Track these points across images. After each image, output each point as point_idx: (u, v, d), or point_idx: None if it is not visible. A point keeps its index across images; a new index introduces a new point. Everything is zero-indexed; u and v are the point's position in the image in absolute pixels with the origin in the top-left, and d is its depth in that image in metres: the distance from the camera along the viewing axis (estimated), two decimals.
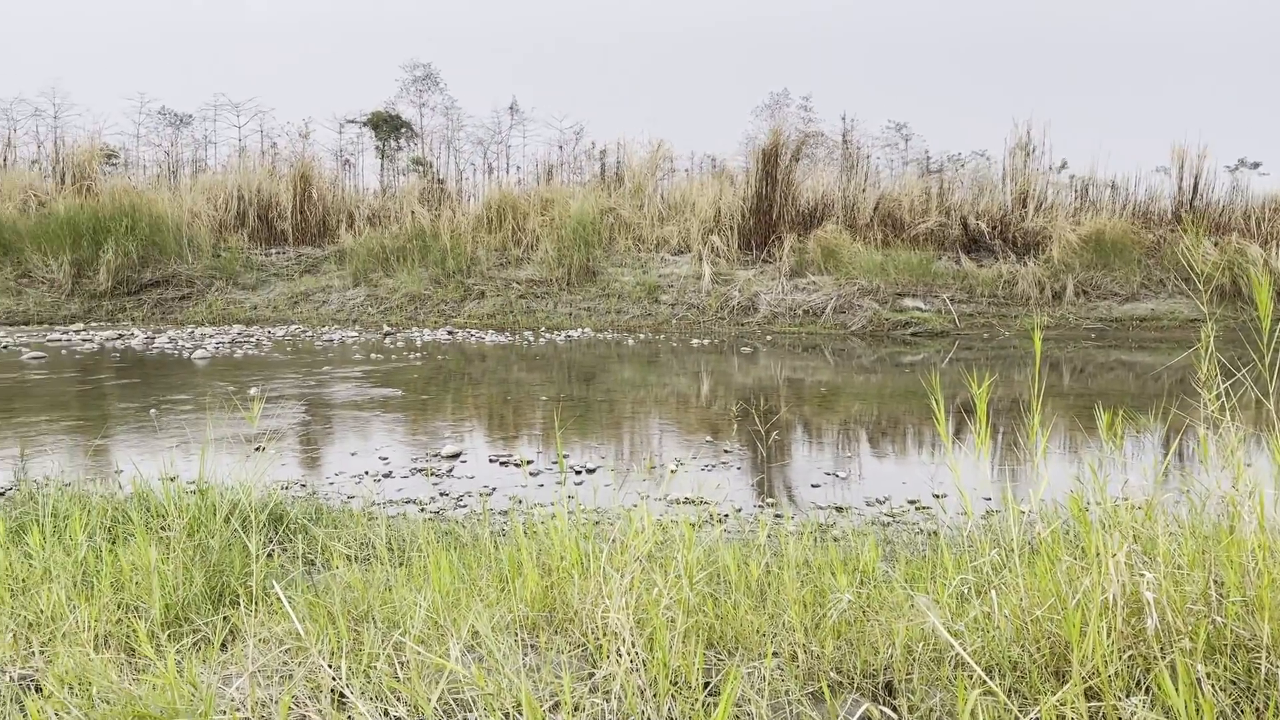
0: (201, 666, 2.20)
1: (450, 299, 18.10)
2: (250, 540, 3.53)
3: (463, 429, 8.33)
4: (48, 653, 2.46)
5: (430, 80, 26.67)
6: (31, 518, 3.77)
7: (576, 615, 2.63)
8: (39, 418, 8.85)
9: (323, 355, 13.23)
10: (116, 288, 17.34)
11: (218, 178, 21.11)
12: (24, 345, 13.57)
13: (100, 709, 1.88)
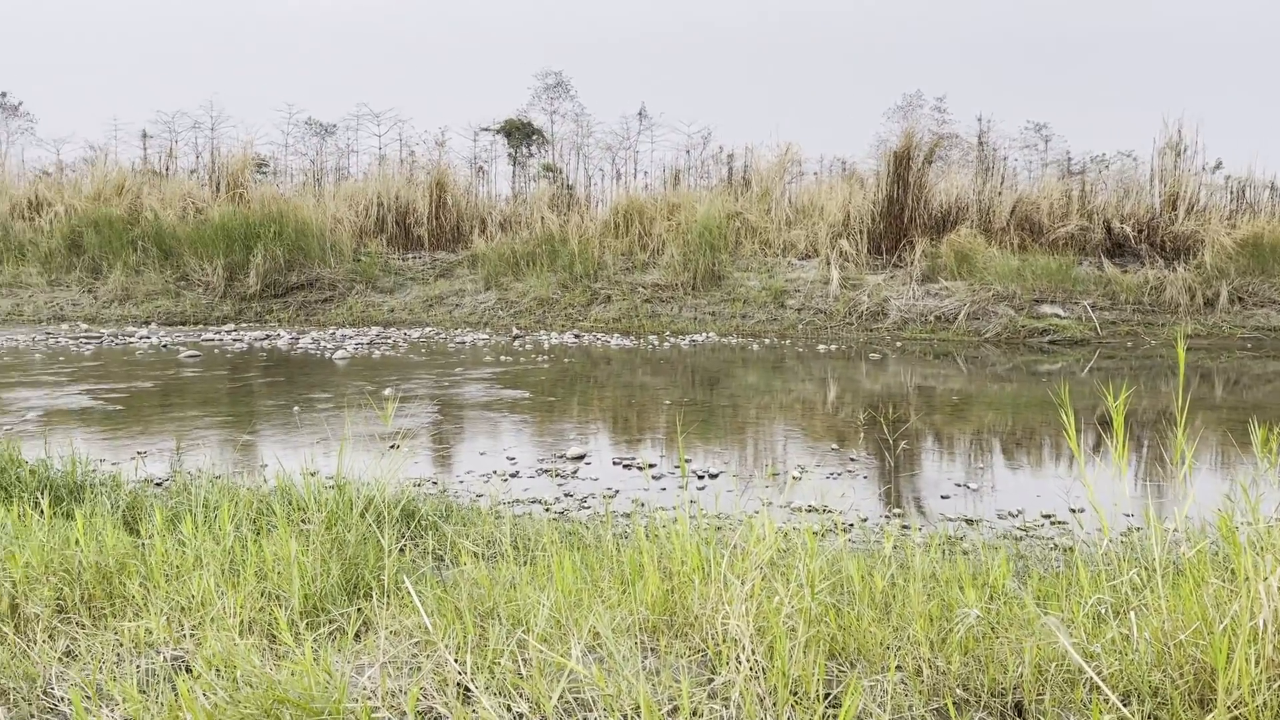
0: (336, 655, 2.29)
1: (577, 303, 18.37)
2: (384, 535, 3.66)
3: (587, 431, 8.43)
4: (197, 636, 2.61)
5: (561, 88, 27.16)
6: (185, 508, 4.00)
7: (696, 620, 2.63)
8: (193, 413, 9.40)
9: (455, 357, 13.62)
10: (265, 290, 18.26)
11: (359, 185, 21.98)
12: (181, 344, 14.43)
13: (244, 692, 1.98)
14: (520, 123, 26.37)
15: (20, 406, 9.02)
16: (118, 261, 18.30)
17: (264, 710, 1.92)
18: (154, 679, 2.40)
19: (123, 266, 18.25)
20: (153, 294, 17.97)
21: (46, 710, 2.34)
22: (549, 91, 27.14)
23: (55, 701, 2.35)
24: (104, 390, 10.19)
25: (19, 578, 3.02)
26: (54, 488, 4.72)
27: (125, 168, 21.84)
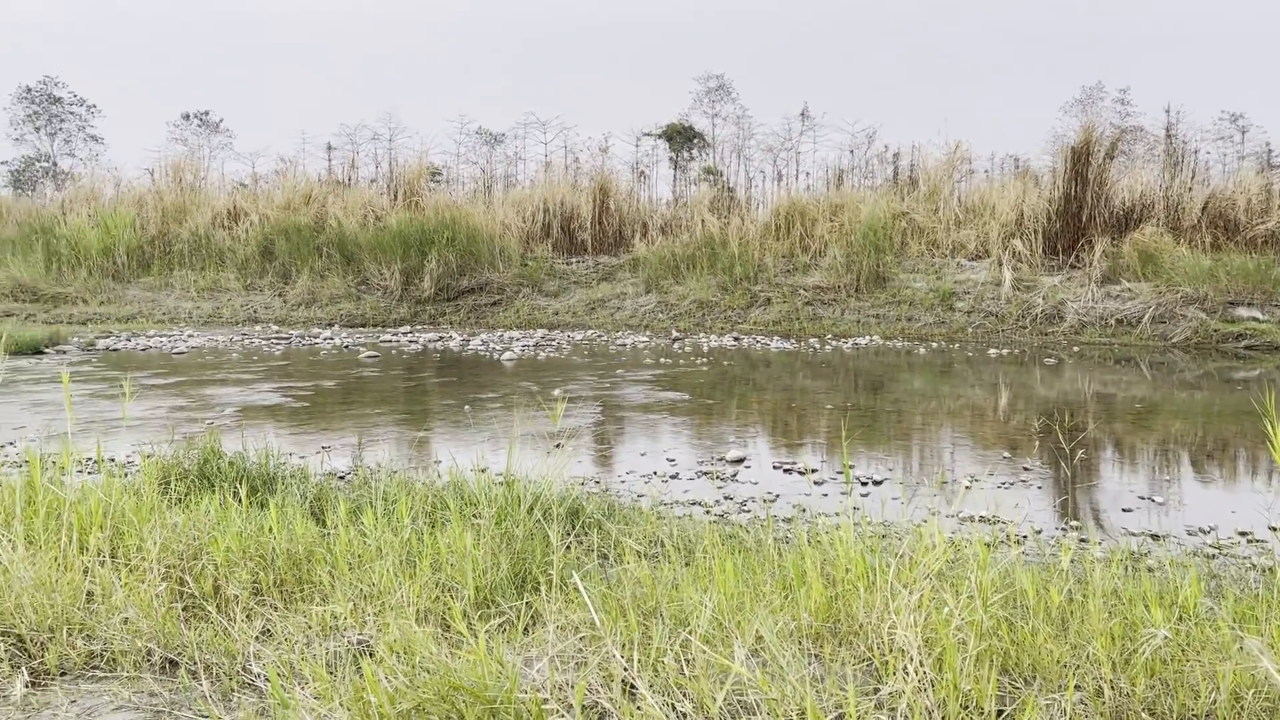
0: (507, 647, 2.37)
1: (736, 305, 18.34)
2: (551, 532, 3.76)
3: (747, 434, 8.40)
4: (377, 622, 2.75)
5: (723, 90, 27.18)
6: (366, 500, 4.22)
7: (861, 629, 2.58)
8: (371, 410, 9.89)
9: (615, 359, 13.83)
10: (438, 294, 19.06)
11: (525, 192, 22.64)
12: (361, 345, 15.22)
13: (422, 677, 2.08)
14: (681, 126, 26.54)
15: (220, 402, 9.72)
16: (305, 267, 19.48)
17: (440, 696, 2.01)
18: (339, 661, 2.55)
19: (309, 271, 19.42)
20: (336, 297, 19.04)
21: (245, 685, 2.52)
22: (710, 95, 27.21)
23: (253, 677, 2.53)
24: (292, 388, 10.86)
25: (220, 561, 3.26)
26: (249, 479, 5.07)
27: (312, 178, 23.23)
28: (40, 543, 3.16)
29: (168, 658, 2.65)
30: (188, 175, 23.04)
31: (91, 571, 3.02)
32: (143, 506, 3.68)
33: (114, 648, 2.65)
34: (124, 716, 2.34)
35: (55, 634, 2.70)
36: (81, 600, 2.87)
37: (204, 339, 15.86)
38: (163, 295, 19.13)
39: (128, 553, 3.30)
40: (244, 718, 2.26)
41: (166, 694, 2.46)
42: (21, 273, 19.08)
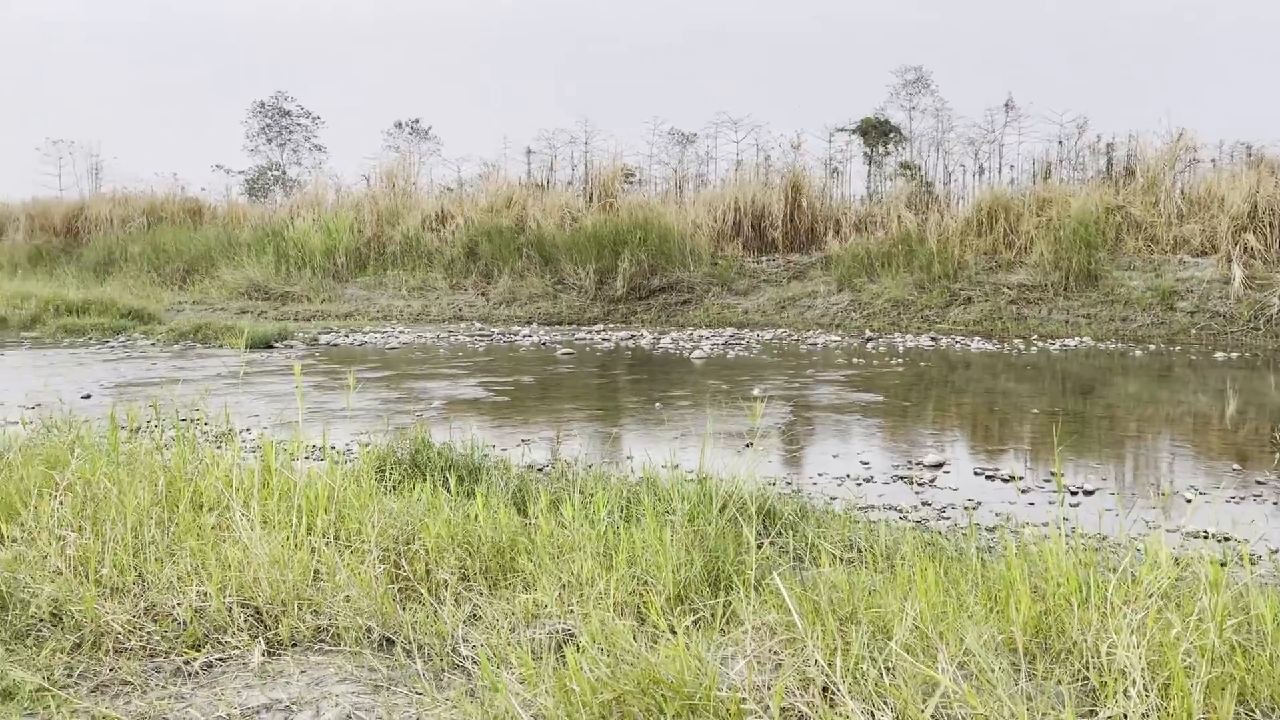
0: (705, 644, 2.39)
1: (934, 304, 17.73)
2: (744, 531, 3.75)
3: (945, 438, 8.11)
4: (577, 612, 2.83)
5: (921, 83, 26.34)
6: (565, 493, 4.34)
7: (1075, 646, 2.45)
8: (566, 406, 10.18)
9: (806, 358, 13.66)
10: (630, 293, 19.41)
11: (716, 191, 22.70)
12: (557, 343, 15.70)
13: (623, 668, 2.13)
14: (877, 121, 25.90)
15: (428, 396, 10.26)
16: (506, 267, 20.28)
17: (640, 688, 2.04)
18: (541, 648, 2.64)
19: (509, 271, 20.20)
20: (534, 296, 19.72)
21: (454, 666, 2.65)
22: (908, 88, 26.41)
23: (461, 659, 2.65)
24: (493, 383, 11.32)
25: (431, 546, 3.44)
26: (456, 468, 5.32)
27: (513, 182, 24.14)
28: (274, 523, 3.43)
29: (385, 636, 2.82)
30: (400, 181, 24.43)
31: (318, 551, 3.25)
32: (361, 492, 3.94)
33: (338, 623, 2.85)
34: (347, 688, 2.50)
35: (287, 608, 2.92)
36: (310, 578, 3.10)
37: (413, 335, 16.78)
38: (376, 294, 20.38)
39: (348, 535, 3.54)
40: (455, 697, 2.37)
41: (384, 670, 2.62)
42: (255, 273, 20.79)
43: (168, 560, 3.21)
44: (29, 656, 2.62)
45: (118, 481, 3.76)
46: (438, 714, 2.28)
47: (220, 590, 2.94)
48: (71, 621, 2.82)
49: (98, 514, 3.60)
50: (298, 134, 37.30)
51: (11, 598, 2.95)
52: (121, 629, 2.79)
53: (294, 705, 2.37)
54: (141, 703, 2.38)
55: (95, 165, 30.68)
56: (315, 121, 37.50)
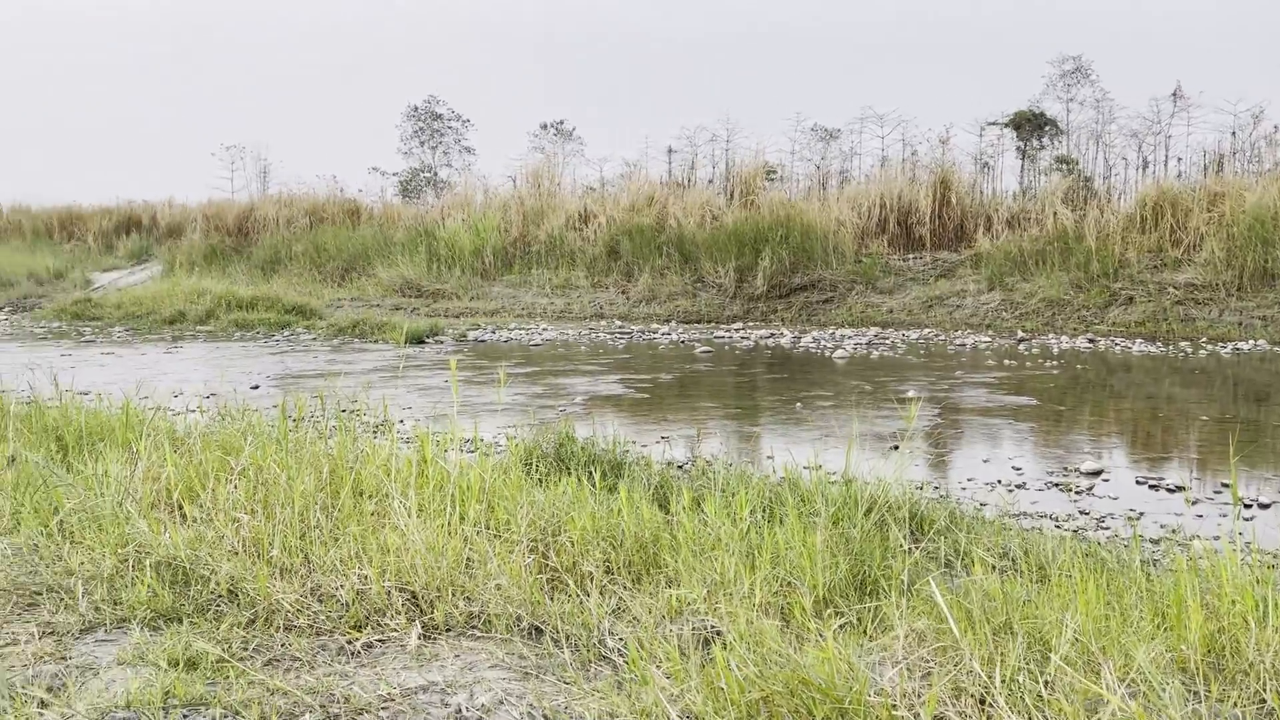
0: (856, 648, 2.36)
1: (1092, 304, 16.92)
2: (890, 535, 3.68)
3: (1103, 445, 7.75)
4: (721, 610, 2.83)
5: (1080, 73, 25.16)
6: (707, 491, 4.35)
7: (1252, 667, 2.30)
8: (705, 404, 10.20)
9: (954, 359, 13.26)
10: (770, 291, 19.24)
11: (861, 188, 22.26)
12: (695, 341, 15.73)
13: (771, 669, 2.12)
14: (1031, 113, 24.89)
15: (570, 392, 10.46)
16: (646, 266, 20.43)
17: (788, 689, 2.03)
18: (685, 644, 2.65)
19: (650, 270, 20.34)
20: (673, 295, 19.80)
21: (601, 658, 2.70)
22: (1065, 78, 25.28)
23: (608, 651, 2.70)
24: (633, 380, 11.44)
25: (576, 539, 3.51)
26: (598, 463, 5.40)
27: (654, 181, 24.29)
28: (429, 511, 3.56)
29: (534, 625, 2.89)
30: (544, 181, 24.93)
31: (470, 540, 3.36)
32: (510, 484, 4.05)
33: (489, 610, 2.94)
34: (498, 674, 2.58)
35: (442, 594, 3.03)
36: (462, 565, 3.21)
37: (556, 332, 17.12)
38: (521, 292, 20.88)
39: (498, 525, 3.64)
40: (602, 688, 2.42)
41: (533, 658, 2.69)
42: (408, 271, 21.60)
43: (331, 544, 3.38)
44: (209, 630, 2.80)
45: (286, 468, 3.98)
46: (586, 704, 2.33)
47: (380, 574, 3.08)
48: (246, 599, 3.00)
49: (268, 498, 3.83)
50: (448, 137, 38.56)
51: (193, 574, 3.17)
52: (291, 607, 2.96)
53: (449, 688, 2.46)
54: (310, 678, 2.52)
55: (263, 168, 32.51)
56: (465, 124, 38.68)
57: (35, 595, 3.14)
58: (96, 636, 2.83)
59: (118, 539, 3.40)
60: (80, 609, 2.97)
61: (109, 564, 3.22)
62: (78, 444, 5.31)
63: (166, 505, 3.98)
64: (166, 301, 19.54)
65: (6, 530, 3.85)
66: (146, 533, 3.41)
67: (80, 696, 2.27)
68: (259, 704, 2.28)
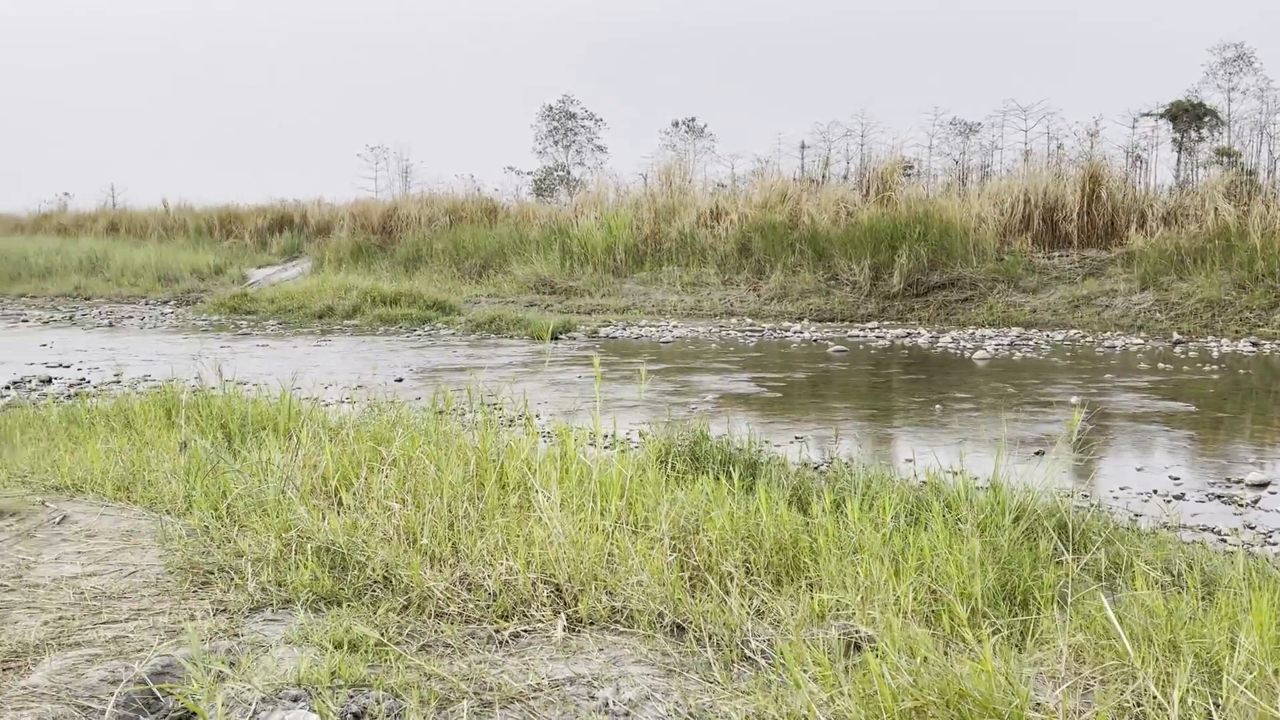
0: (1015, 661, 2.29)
1: (1256, 305, 15.90)
2: (1040, 544, 3.55)
3: (1270, 454, 7.29)
4: (868, 616, 2.79)
5: (1242, 61, 23.67)
6: (847, 493, 4.29)
7: None
8: (839, 404, 10.06)
9: (1102, 362, 12.69)
10: (906, 290, 18.79)
11: (1003, 183, 21.51)
12: (829, 339, 15.52)
13: (925, 678, 2.08)
14: (1189, 104, 23.56)
15: (701, 389, 10.47)
16: (778, 263, 20.27)
17: (944, 699, 1.99)
18: (830, 648, 2.63)
19: (782, 267, 20.17)
20: (806, 292, 19.57)
21: (743, 659, 2.70)
22: (1226, 66, 23.83)
23: (751, 652, 2.70)
24: (764, 378, 11.37)
25: (715, 539, 3.51)
26: (733, 462, 5.39)
27: (786, 177, 24.07)
28: (571, 506, 3.63)
29: (676, 622, 2.91)
30: (676, 179, 25.02)
31: (612, 535, 3.41)
32: (647, 481, 4.08)
33: (631, 606, 2.97)
34: (641, 670, 2.61)
35: (585, 588, 3.08)
36: (604, 560, 3.25)
37: (686, 330, 17.16)
38: (652, 289, 21.00)
39: (636, 521, 3.68)
40: (748, 688, 2.42)
41: (677, 655, 2.71)
42: (542, 268, 22.03)
43: (478, 535, 3.48)
44: (367, 614, 2.93)
45: (436, 460, 4.12)
46: (733, 705, 2.33)
47: (526, 566, 3.15)
48: (400, 585, 3.12)
49: (417, 488, 3.97)
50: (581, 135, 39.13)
51: (350, 559, 3.31)
52: (441, 595, 3.06)
53: (595, 681, 2.51)
54: (462, 664, 2.60)
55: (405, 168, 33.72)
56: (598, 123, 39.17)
57: (208, 574, 3.34)
58: (264, 616, 2.99)
59: (281, 524, 3.59)
60: (249, 589, 3.14)
61: (274, 547, 3.40)
62: (240, 431, 5.62)
63: (323, 493, 4.17)
64: (315, 297, 20.46)
65: (180, 512, 4.11)
66: (307, 519, 3.58)
67: (255, 672, 2.40)
68: (418, 688, 2.36)
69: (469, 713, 2.25)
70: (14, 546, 3.73)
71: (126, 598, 3.15)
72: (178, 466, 4.68)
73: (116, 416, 6.21)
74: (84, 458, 5.07)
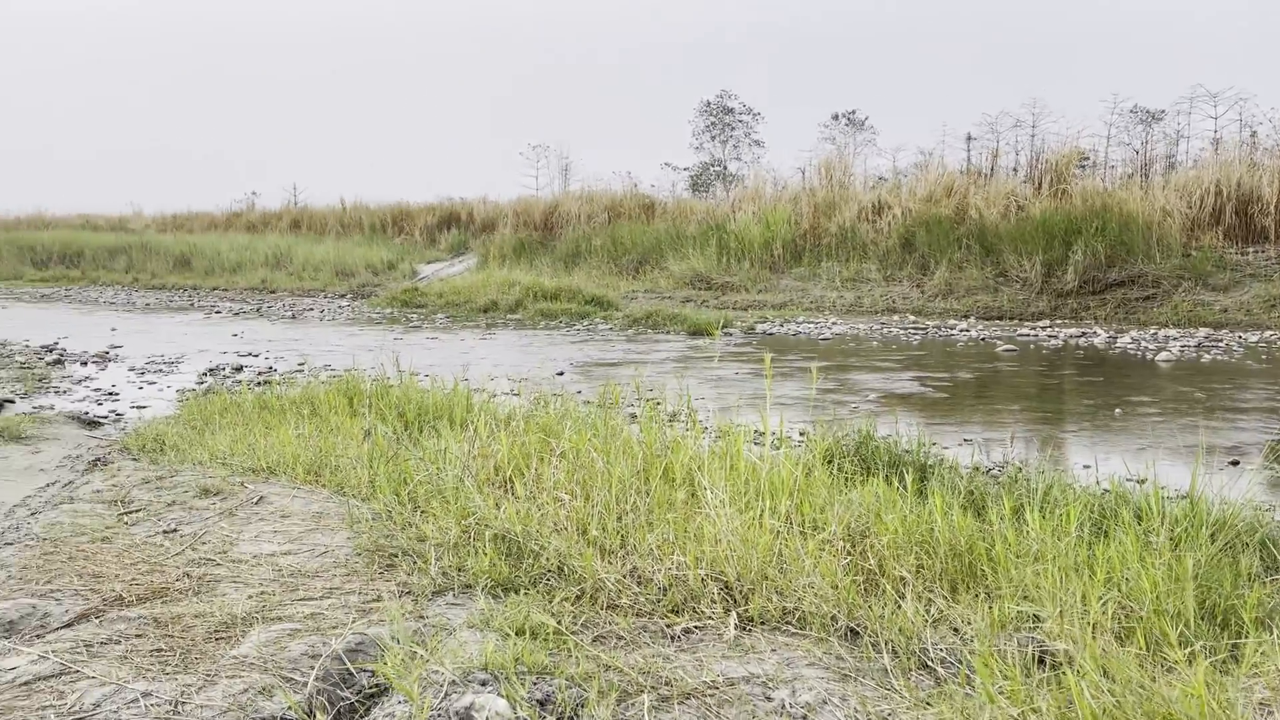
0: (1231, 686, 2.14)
1: None
2: (1242, 562, 3.32)
3: None
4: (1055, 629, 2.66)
5: None
6: (1025, 499, 4.12)
7: None
8: (1008, 406, 9.66)
9: None
10: (1081, 287, 17.85)
11: (1191, 174, 20.17)
12: (997, 339, 14.93)
13: (1128, 698, 1.97)
14: None
15: (862, 388, 10.26)
16: (943, 258, 19.63)
17: None
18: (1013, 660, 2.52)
19: (947, 263, 19.53)
20: (972, 289, 18.89)
21: (921, 667, 2.63)
22: None
23: (930, 660, 2.62)
24: (929, 378, 11.04)
25: (887, 542, 3.43)
26: (902, 464, 5.26)
27: (952, 170, 23.30)
28: (739, 504, 3.62)
29: (850, 626, 2.86)
30: (836, 172, 24.60)
31: (781, 535, 3.38)
32: (815, 481, 4.03)
33: (804, 608, 2.94)
34: (816, 673, 2.58)
35: (755, 587, 3.07)
36: (773, 560, 3.23)
37: (845, 327, 16.85)
38: (810, 285, 20.71)
39: (803, 522, 3.63)
40: (926, 698, 2.35)
41: (851, 660, 2.66)
42: (698, 264, 22.06)
43: (646, 529, 3.52)
44: (543, 602, 3.01)
45: (604, 453, 4.19)
46: (914, 715, 2.27)
47: (696, 562, 3.16)
48: (574, 575, 3.19)
49: (585, 480, 4.04)
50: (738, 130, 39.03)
51: (525, 548, 3.40)
52: (613, 587, 3.11)
53: (770, 682, 2.49)
54: (635, 657, 2.63)
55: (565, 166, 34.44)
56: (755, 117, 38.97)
57: (392, 557, 3.50)
58: (447, 599, 3.11)
59: (459, 511, 3.72)
60: (431, 573, 3.28)
61: (454, 533, 3.53)
62: (417, 420, 5.87)
63: (495, 482, 4.30)
64: (481, 291, 21.16)
65: (365, 496, 4.32)
66: (483, 507, 3.70)
67: (444, 654, 2.50)
68: (597, 678, 2.41)
69: (649, 706, 2.28)
70: (219, 524, 4.01)
71: (319, 576, 3.33)
72: (361, 452, 4.92)
73: (304, 403, 6.59)
74: (276, 442, 5.40)
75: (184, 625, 2.80)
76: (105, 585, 3.21)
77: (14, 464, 5.88)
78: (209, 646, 2.64)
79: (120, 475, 5.20)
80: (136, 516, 4.25)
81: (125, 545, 3.75)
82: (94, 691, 2.30)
